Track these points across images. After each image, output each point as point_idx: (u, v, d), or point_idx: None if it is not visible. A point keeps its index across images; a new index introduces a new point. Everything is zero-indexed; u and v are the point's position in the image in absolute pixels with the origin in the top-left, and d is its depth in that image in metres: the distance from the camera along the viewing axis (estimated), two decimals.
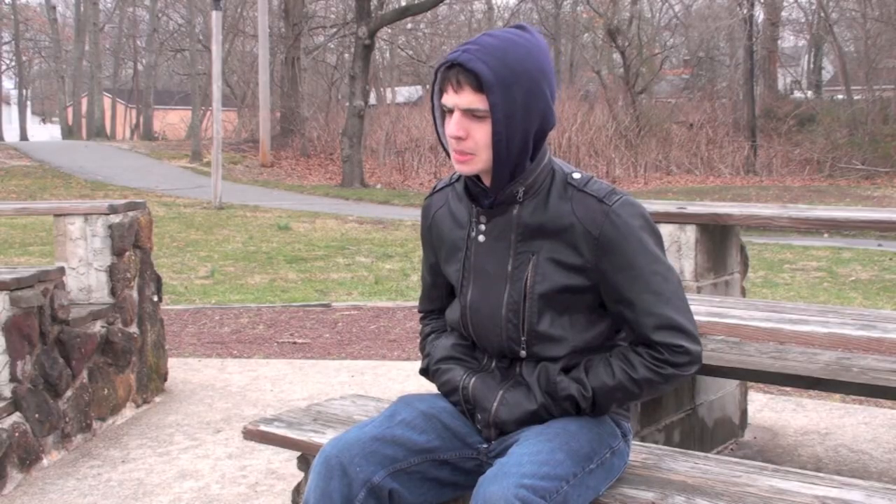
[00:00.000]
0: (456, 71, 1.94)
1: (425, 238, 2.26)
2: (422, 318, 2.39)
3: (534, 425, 2.07)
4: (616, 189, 2.03)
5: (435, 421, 2.13)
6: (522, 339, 2.06)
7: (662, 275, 2.00)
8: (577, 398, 2.03)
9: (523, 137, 1.96)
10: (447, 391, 2.18)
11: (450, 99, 1.96)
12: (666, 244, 3.57)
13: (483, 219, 2.08)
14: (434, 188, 2.25)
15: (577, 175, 2.04)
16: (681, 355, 1.99)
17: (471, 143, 1.97)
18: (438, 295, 2.31)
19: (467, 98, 1.94)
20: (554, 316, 2.04)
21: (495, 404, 2.09)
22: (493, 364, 2.14)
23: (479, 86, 1.92)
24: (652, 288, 1.99)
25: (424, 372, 2.29)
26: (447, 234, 2.17)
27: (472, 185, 2.08)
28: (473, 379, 2.14)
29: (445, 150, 2.03)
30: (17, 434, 3.68)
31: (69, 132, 39.57)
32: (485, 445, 2.13)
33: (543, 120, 1.98)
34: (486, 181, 2.04)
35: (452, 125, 1.96)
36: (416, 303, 2.45)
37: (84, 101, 39.38)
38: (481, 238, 2.09)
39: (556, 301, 2.03)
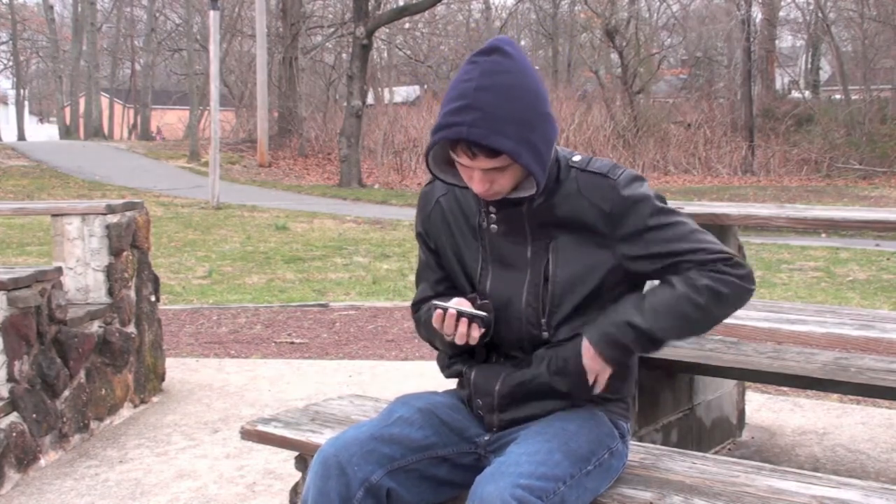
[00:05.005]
0: (465, 143, 1.90)
1: (425, 226, 2.21)
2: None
3: (531, 423, 2.07)
4: (617, 164, 2.07)
5: (432, 416, 2.13)
6: (543, 321, 2.06)
7: (683, 222, 2.04)
8: (635, 323, 1.99)
9: (549, 153, 1.97)
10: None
11: (465, 161, 1.94)
12: None
13: (493, 209, 2.08)
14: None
15: (577, 158, 2.08)
16: (736, 266, 2.00)
17: (497, 186, 1.99)
18: (438, 284, 2.23)
19: (486, 163, 1.92)
20: (573, 299, 2.05)
21: (498, 386, 2.10)
22: (502, 360, 2.14)
23: (498, 151, 1.90)
24: (679, 234, 2.01)
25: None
26: (455, 222, 2.15)
27: None
28: (476, 368, 2.14)
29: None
30: (14, 434, 3.68)
31: (67, 132, 39.52)
32: (486, 437, 2.13)
33: (552, 130, 1.98)
34: None
35: (478, 184, 1.96)
36: None
37: (82, 101, 39.33)
38: (494, 227, 2.10)
39: (576, 283, 2.04)
